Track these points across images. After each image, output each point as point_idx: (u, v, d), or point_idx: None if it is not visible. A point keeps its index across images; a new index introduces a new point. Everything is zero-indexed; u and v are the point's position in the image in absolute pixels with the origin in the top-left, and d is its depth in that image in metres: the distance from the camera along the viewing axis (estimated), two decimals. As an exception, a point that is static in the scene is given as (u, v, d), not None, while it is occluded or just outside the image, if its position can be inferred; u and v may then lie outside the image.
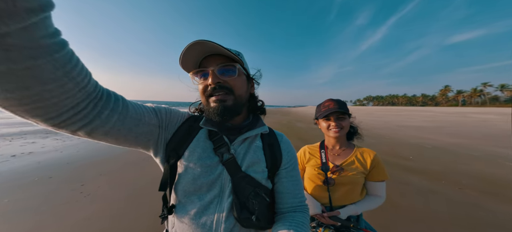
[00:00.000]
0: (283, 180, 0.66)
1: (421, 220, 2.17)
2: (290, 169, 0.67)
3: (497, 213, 2.30)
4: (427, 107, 73.05)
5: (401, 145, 6.15)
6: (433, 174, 3.57)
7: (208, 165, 0.58)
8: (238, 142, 0.63)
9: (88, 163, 4.04)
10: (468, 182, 3.20)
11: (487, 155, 4.84)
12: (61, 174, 3.42)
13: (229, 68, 0.59)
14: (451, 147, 5.82)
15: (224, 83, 0.58)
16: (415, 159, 4.56)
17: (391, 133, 8.53)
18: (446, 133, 8.61)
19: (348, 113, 1.04)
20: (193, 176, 0.57)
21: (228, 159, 0.59)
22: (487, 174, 3.58)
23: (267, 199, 0.60)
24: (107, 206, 2.40)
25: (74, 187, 2.93)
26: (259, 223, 0.57)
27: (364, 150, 1.04)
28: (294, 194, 0.66)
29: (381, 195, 0.98)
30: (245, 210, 0.56)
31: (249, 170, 0.60)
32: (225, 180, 0.58)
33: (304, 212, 0.64)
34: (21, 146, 5.15)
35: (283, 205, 0.65)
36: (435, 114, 23.31)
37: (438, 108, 59.84)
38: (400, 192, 2.80)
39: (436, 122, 13.46)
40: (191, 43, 0.52)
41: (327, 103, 1.05)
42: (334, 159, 1.05)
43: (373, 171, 0.98)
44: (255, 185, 0.59)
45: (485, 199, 2.63)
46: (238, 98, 0.60)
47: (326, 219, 0.92)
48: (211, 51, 0.57)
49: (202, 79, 0.60)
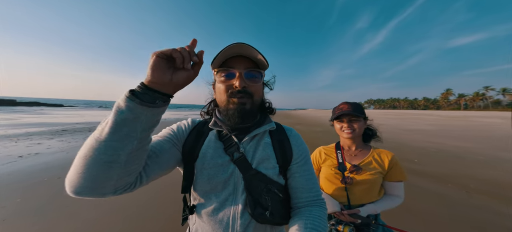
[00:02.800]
0: (295, 175, 0.65)
1: (431, 222, 2.17)
2: (302, 164, 0.67)
3: (507, 216, 2.29)
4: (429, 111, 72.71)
5: (405, 148, 6.14)
6: (440, 177, 3.56)
7: (220, 165, 0.60)
8: (247, 141, 0.64)
9: (95, 164, 4.08)
10: (476, 186, 3.19)
11: (492, 159, 4.82)
12: (69, 174, 3.45)
13: (255, 73, 0.61)
14: (456, 150, 5.80)
15: (248, 87, 0.60)
16: (420, 162, 4.55)
17: (395, 137, 8.51)
18: (450, 136, 8.58)
19: (363, 116, 1.07)
20: (208, 176, 0.59)
21: (239, 157, 0.60)
22: (494, 178, 3.56)
23: (280, 195, 0.61)
24: (116, 207, 2.42)
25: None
26: (274, 218, 0.58)
27: (381, 151, 1.06)
28: (309, 189, 0.65)
29: (400, 195, 1.00)
30: (259, 206, 0.57)
31: (259, 167, 0.61)
32: (238, 178, 0.60)
33: (321, 207, 0.63)
34: (28, 147, 5.21)
35: (299, 200, 0.64)
36: (438, 118, 23.20)
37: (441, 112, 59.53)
38: (407, 195, 2.79)
39: (440, 126, 13.41)
40: (233, 44, 0.56)
41: (341, 105, 1.08)
42: (351, 160, 1.08)
43: (392, 171, 1.00)
44: (267, 181, 0.60)
45: (493, 203, 2.62)
46: (255, 102, 0.63)
47: (346, 216, 0.93)
48: (241, 52, 0.59)
49: (225, 78, 0.60)
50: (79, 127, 9.39)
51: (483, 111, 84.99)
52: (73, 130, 8.52)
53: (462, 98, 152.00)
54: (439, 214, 2.34)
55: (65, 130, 8.43)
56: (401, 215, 2.26)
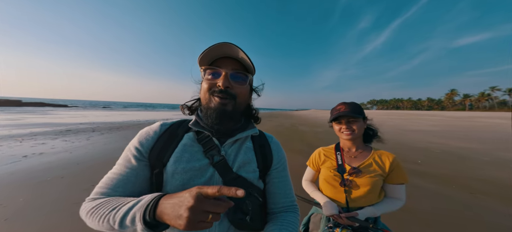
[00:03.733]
0: (274, 180, 0.67)
1: (434, 223, 2.13)
2: (281, 170, 0.69)
3: None
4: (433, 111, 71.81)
5: (408, 149, 6.06)
6: (443, 178, 3.50)
7: (197, 169, 0.57)
8: (229, 144, 0.62)
9: (97, 163, 4.11)
10: (480, 187, 3.13)
11: (498, 160, 4.73)
12: (72, 174, 3.48)
13: (241, 75, 0.61)
14: (460, 151, 5.71)
15: (231, 89, 0.59)
16: (424, 163, 4.48)
17: (397, 137, 8.41)
18: (454, 137, 8.45)
19: (362, 116, 1.04)
20: (182, 181, 0.55)
21: (219, 160, 0.58)
22: (499, 179, 3.49)
23: (260, 199, 0.60)
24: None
25: (86, 187, 2.98)
26: (253, 223, 0.57)
27: (382, 152, 1.04)
28: (285, 194, 0.67)
29: (401, 197, 0.98)
30: (239, 211, 0.55)
31: (240, 171, 0.59)
32: (217, 182, 0.57)
33: (295, 212, 0.67)
34: (32, 147, 5.28)
35: (275, 205, 0.66)
36: (442, 118, 22.87)
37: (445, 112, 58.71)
38: (410, 196, 2.75)
39: (444, 126, 13.22)
40: (220, 43, 0.56)
41: (339, 106, 1.06)
42: (351, 161, 1.06)
43: (392, 173, 0.98)
44: (248, 185, 0.59)
45: (498, 204, 2.57)
46: (238, 105, 0.62)
47: (343, 219, 0.92)
48: (230, 54, 0.59)
49: (211, 77, 0.60)
50: (83, 128, 9.48)
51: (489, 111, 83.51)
52: (77, 130, 8.61)
53: (467, 98, 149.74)
54: (443, 216, 2.30)
55: (69, 130, 8.52)
56: (404, 217, 2.23)
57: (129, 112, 30.46)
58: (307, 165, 1.24)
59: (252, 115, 0.74)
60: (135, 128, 9.93)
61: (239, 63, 0.61)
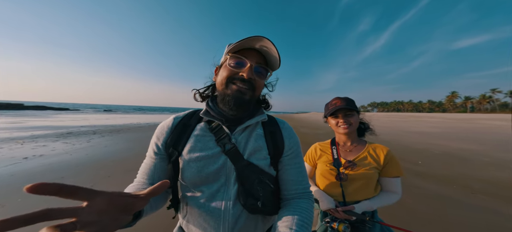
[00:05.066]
0: (286, 167, 0.66)
1: (435, 223, 2.11)
2: (293, 156, 0.67)
3: None
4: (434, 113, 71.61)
5: (408, 150, 6.04)
6: (443, 179, 3.48)
7: (210, 156, 0.60)
8: (238, 132, 0.64)
9: (97, 165, 4.11)
10: (480, 187, 3.11)
11: (498, 161, 4.70)
12: (71, 176, 3.49)
13: (263, 70, 0.63)
14: (460, 153, 5.67)
15: (253, 81, 0.61)
16: (424, 164, 4.46)
17: (398, 138, 8.38)
18: (455, 139, 8.40)
19: (357, 110, 1.06)
20: (197, 169, 0.59)
21: (230, 148, 0.60)
22: (499, 179, 3.47)
23: (271, 185, 0.61)
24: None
25: (84, 187, 2.99)
26: (265, 208, 0.59)
27: (376, 146, 1.05)
28: (298, 181, 0.66)
29: (397, 191, 0.98)
30: (251, 197, 0.58)
31: (251, 158, 0.61)
32: (229, 169, 0.60)
33: (308, 199, 0.64)
34: (33, 149, 5.29)
35: (288, 192, 0.65)
36: (443, 120, 22.78)
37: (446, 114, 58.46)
38: (411, 196, 2.74)
39: (444, 128, 13.16)
40: (256, 36, 0.57)
41: (334, 101, 1.08)
42: (346, 155, 1.06)
43: (387, 166, 0.98)
44: (259, 172, 0.60)
45: (499, 204, 2.55)
46: (254, 96, 0.64)
47: (340, 213, 0.92)
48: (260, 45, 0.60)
49: (235, 65, 0.60)
50: (84, 130, 9.52)
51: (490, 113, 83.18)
52: (78, 133, 8.64)
53: (468, 100, 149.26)
54: (444, 216, 2.28)
55: (70, 133, 8.55)
56: (405, 217, 2.21)
57: (130, 115, 30.58)
58: (304, 161, 1.25)
59: (261, 101, 0.75)
60: (135, 131, 9.96)
61: (263, 57, 0.63)
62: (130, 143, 6.59)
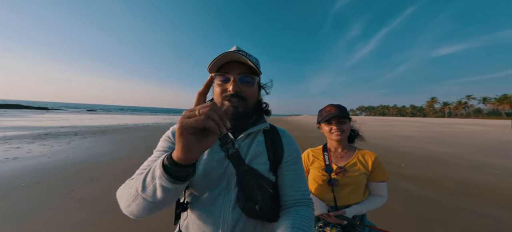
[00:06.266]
0: (285, 173, 0.68)
1: (417, 224, 2.22)
2: (292, 163, 0.69)
3: (486, 216, 2.39)
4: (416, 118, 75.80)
5: (393, 153, 6.32)
6: (424, 181, 3.67)
7: (216, 160, 0.63)
8: (242, 138, 0.67)
9: (79, 168, 3.88)
10: (458, 188, 3.32)
11: (474, 164, 5.05)
12: (48, 179, 3.26)
13: (248, 78, 0.65)
14: (439, 155, 6.03)
15: (241, 92, 0.63)
16: (407, 166, 4.69)
17: (384, 142, 8.75)
18: (434, 142, 8.93)
19: (348, 117, 1.10)
20: (204, 171, 0.61)
21: (233, 153, 0.63)
22: (475, 181, 3.73)
23: (270, 190, 0.63)
24: (101, 212, 2.30)
25: (63, 192, 2.80)
26: (263, 212, 0.60)
27: (365, 152, 1.09)
28: (297, 187, 0.67)
29: (383, 195, 1.02)
30: (249, 200, 0.59)
31: (252, 163, 0.64)
32: (231, 173, 0.62)
33: (308, 207, 0.65)
34: (5, 151, 4.89)
35: (287, 198, 0.66)
36: (423, 125, 24.18)
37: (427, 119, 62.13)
38: (395, 197, 2.86)
39: (425, 132, 13.96)
40: (227, 52, 0.60)
41: (328, 108, 1.11)
42: (337, 161, 1.09)
43: (375, 172, 1.03)
44: (258, 177, 0.62)
45: (475, 204, 2.73)
46: (249, 105, 0.67)
47: (332, 218, 0.94)
48: (236, 58, 0.62)
49: (221, 82, 0.64)
50: (64, 131, 8.95)
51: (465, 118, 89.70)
52: (57, 134, 8.11)
53: (446, 106, 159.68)
54: (424, 216, 2.40)
55: (48, 134, 8.01)
56: (388, 217, 2.30)
57: (116, 115, 29.24)
58: None
59: (262, 109, 0.77)
60: (122, 132, 9.53)
61: (246, 66, 0.65)
62: (116, 145, 6.29)
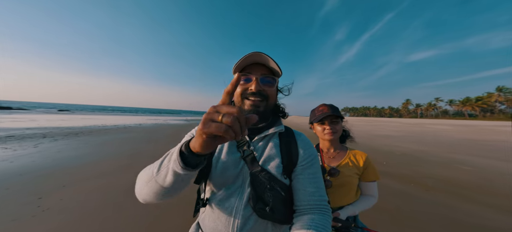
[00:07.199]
0: (299, 176, 0.67)
1: (397, 218, 2.33)
2: (307, 166, 0.68)
3: (460, 210, 2.60)
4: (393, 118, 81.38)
5: (375, 152, 6.67)
6: (403, 178, 3.91)
7: (233, 161, 0.67)
8: (257, 140, 0.70)
9: (47, 173, 3.49)
10: (433, 184, 3.58)
11: (444, 161, 5.51)
12: (11, 187, 2.88)
13: (269, 79, 0.68)
14: (415, 153, 6.50)
15: (263, 91, 0.67)
16: (388, 164, 4.97)
17: (367, 142, 9.20)
18: (410, 141, 9.62)
19: (341, 117, 1.10)
20: (221, 170, 0.65)
21: (248, 154, 0.66)
22: (447, 177, 4.06)
23: (282, 193, 0.63)
24: (73, 221, 2.08)
25: (29, 200, 2.49)
26: (273, 215, 0.61)
27: (356, 152, 1.10)
28: (312, 192, 0.65)
29: (374, 194, 1.04)
30: (261, 201, 0.61)
31: (265, 165, 0.66)
32: (245, 173, 0.65)
33: (324, 214, 0.63)
34: (-45, 156, 4.25)
35: (301, 202, 0.64)
36: (400, 125, 26.02)
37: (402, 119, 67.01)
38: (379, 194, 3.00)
39: (402, 132, 15.00)
40: (252, 52, 0.64)
41: (321, 107, 1.10)
42: (330, 162, 1.09)
43: (366, 171, 1.04)
44: (271, 179, 0.63)
45: (449, 199, 2.96)
46: (269, 105, 0.70)
47: (326, 220, 0.93)
48: (258, 60, 0.67)
49: (244, 82, 0.68)
50: (30, 133, 8.03)
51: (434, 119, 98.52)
52: (22, 136, 7.26)
53: (418, 107, 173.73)
54: (404, 211, 2.54)
55: (11, 136, 7.14)
56: (372, 213, 2.39)
57: (93, 116, 27.08)
58: None
59: (279, 112, 0.80)
60: (99, 134, 8.82)
61: (267, 68, 0.69)
62: (92, 148, 5.78)
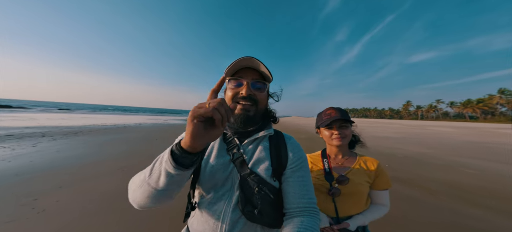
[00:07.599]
0: (289, 179, 0.67)
1: (403, 225, 2.26)
2: (296, 169, 0.68)
3: (466, 214, 2.52)
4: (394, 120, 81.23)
5: (377, 154, 6.59)
6: (407, 181, 3.84)
7: (222, 164, 0.66)
8: (247, 143, 0.70)
9: (45, 174, 3.43)
10: (437, 188, 3.51)
11: (447, 163, 5.43)
12: (7, 187, 2.82)
13: (260, 84, 0.69)
14: (417, 156, 6.42)
15: (253, 96, 0.67)
16: (390, 167, 4.89)
17: (368, 144, 9.13)
18: (412, 143, 9.53)
19: (351, 121, 1.04)
20: (211, 174, 0.65)
21: (237, 157, 0.66)
22: (451, 180, 3.98)
23: (271, 196, 0.63)
24: (70, 223, 2.02)
25: (24, 201, 2.44)
26: (262, 218, 0.60)
27: (367, 158, 1.03)
28: (301, 195, 0.65)
29: (386, 203, 0.97)
30: (249, 204, 0.61)
31: (254, 168, 0.65)
32: (235, 176, 0.65)
33: (313, 216, 0.63)
34: (-48, 155, 4.20)
35: (290, 205, 0.65)
36: (401, 126, 25.89)
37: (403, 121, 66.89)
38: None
39: (403, 133, 14.90)
40: (242, 57, 0.64)
41: (329, 111, 1.04)
42: (338, 168, 1.03)
43: (378, 179, 0.97)
44: (260, 182, 0.63)
45: (454, 203, 2.89)
46: (259, 110, 0.70)
47: (335, 231, 0.86)
48: (249, 65, 0.67)
49: (235, 86, 0.68)
50: (29, 132, 7.99)
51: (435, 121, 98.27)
52: (21, 135, 7.21)
53: (419, 109, 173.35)
54: (410, 217, 2.47)
55: (10, 135, 7.09)
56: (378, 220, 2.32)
57: (93, 115, 27.08)
58: None
59: (270, 116, 0.80)
60: (99, 134, 8.77)
61: (258, 73, 0.69)
62: (92, 148, 5.74)
